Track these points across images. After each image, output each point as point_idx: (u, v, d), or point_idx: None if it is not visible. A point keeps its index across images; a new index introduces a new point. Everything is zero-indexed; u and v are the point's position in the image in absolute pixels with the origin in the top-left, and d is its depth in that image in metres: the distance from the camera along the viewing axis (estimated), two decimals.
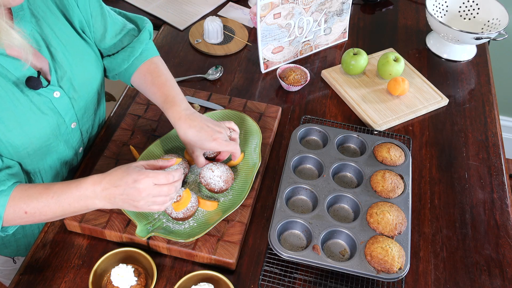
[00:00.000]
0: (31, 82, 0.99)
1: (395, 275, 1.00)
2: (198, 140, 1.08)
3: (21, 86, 0.99)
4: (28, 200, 0.96)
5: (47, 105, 1.04)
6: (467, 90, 1.51)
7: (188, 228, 1.09)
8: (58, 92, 1.05)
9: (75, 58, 1.09)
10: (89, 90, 1.14)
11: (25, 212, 0.96)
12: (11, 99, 0.97)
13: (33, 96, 1.01)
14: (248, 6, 1.79)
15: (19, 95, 0.99)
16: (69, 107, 1.09)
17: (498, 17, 1.56)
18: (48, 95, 1.03)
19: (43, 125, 1.04)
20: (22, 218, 0.97)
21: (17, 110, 0.99)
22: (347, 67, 1.48)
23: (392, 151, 1.22)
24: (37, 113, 1.02)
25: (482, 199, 1.23)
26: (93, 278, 1.00)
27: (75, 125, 1.14)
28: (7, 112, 0.97)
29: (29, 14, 1.00)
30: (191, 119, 1.09)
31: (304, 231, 1.09)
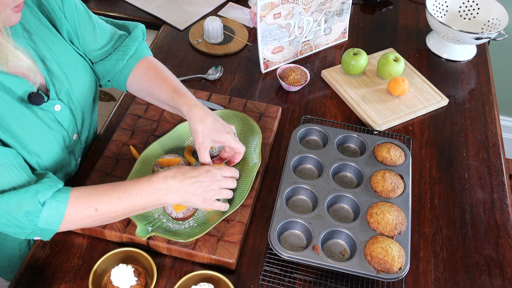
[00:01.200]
0: (34, 98, 0.99)
1: (395, 275, 1.00)
2: (214, 128, 1.07)
3: (25, 103, 0.99)
4: (98, 197, 0.97)
5: (50, 119, 1.03)
6: (467, 90, 1.51)
7: (188, 228, 1.09)
8: (59, 106, 1.04)
9: (70, 69, 1.08)
10: (87, 100, 1.14)
11: (96, 209, 0.96)
12: (19, 117, 0.97)
13: (37, 112, 1.01)
14: (248, 6, 1.79)
15: (25, 112, 0.98)
16: (71, 119, 1.09)
17: (498, 17, 1.56)
18: (50, 110, 1.03)
19: (51, 140, 1.04)
20: (90, 217, 0.97)
21: (26, 128, 0.98)
22: (347, 67, 1.48)
23: (392, 151, 1.22)
24: (45, 128, 1.02)
25: (482, 199, 1.23)
26: (93, 278, 1.00)
27: (76, 137, 1.14)
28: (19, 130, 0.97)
29: (21, 29, 0.98)
30: (205, 109, 1.09)
31: (304, 231, 1.09)
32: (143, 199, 0.98)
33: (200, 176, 1.02)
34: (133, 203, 0.98)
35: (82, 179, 1.22)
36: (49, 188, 0.94)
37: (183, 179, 1.00)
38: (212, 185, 1.03)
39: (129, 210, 0.99)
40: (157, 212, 1.12)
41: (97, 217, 0.97)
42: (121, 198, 0.97)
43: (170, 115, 1.33)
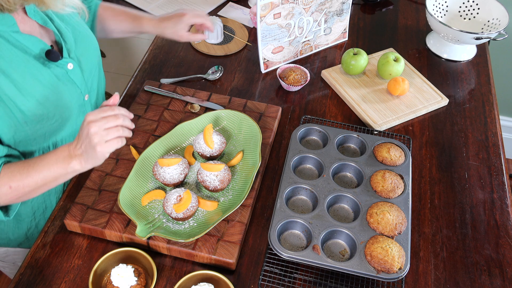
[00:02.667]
0: (51, 55, 1.05)
1: (395, 275, 1.00)
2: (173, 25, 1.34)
3: (42, 60, 1.05)
4: (11, 175, 1.00)
5: (65, 78, 1.10)
6: (467, 90, 1.51)
7: (188, 228, 1.09)
8: (71, 64, 1.11)
9: (74, 32, 1.15)
10: (91, 62, 1.20)
11: (10, 187, 0.99)
12: (35, 74, 1.03)
13: (54, 69, 1.07)
14: (248, 6, 1.79)
15: (42, 69, 1.05)
16: (82, 78, 1.15)
17: (498, 17, 1.56)
18: (64, 67, 1.10)
19: (67, 96, 1.10)
20: (7, 194, 1.00)
21: (42, 84, 1.04)
22: (347, 67, 1.48)
23: (392, 151, 1.22)
24: (60, 84, 1.08)
25: (482, 199, 1.23)
26: (93, 278, 1.00)
27: (88, 97, 1.19)
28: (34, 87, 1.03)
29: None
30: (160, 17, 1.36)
31: (304, 231, 1.09)
32: (51, 169, 0.99)
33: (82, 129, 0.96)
34: (43, 175, 0.99)
35: (82, 179, 1.22)
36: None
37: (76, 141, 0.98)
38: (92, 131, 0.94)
39: (41, 183, 1.00)
40: (157, 212, 1.12)
41: (13, 194, 1.00)
42: (30, 173, 0.99)
43: (170, 115, 1.33)
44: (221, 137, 1.21)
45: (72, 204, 1.14)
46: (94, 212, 1.11)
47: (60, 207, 1.18)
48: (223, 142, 1.21)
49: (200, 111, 1.35)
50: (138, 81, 1.49)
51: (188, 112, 1.35)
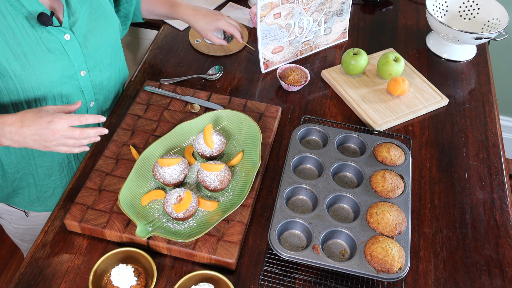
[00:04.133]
0: (42, 18, 1.06)
1: (395, 275, 1.00)
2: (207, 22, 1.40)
3: (32, 22, 1.06)
4: None
5: (55, 45, 1.10)
6: (467, 90, 1.51)
7: (188, 228, 1.09)
8: (69, 35, 1.12)
9: (89, 8, 1.17)
10: (101, 42, 1.21)
11: None
12: (20, 31, 1.05)
13: (42, 33, 1.08)
14: (248, 6, 1.79)
15: (29, 29, 1.06)
16: (79, 53, 1.15)
17: (498, 17, 1.56)
18: (58, 36, 1.10)
19: (47, 61, 1.10)
20: None
21: (24, 42, 1.05)
22: (347, 67, 1.48)
23: (392, 151, 1.22)
24: (44, 49, 1.09)
25: (482, 199, 1.23)
26: (93, 278, 1.00)
27: (85, 74, 1.20)
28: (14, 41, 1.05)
29: None
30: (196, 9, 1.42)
31: (304, 231, 1.09)
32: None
33: (39, 127, 0.98)
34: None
35: (82, 179, 1.22)
36: None
37: (20, 128, 0.98)
38: (52, 137, 0.99)
39: None
40: (157, 212, 1.12)
41: None
42: None
43: (170, 115, 1.33)
44: (221, 137, 1.21)
45: (72, 204, 1.14)
46: (94, 212, 1.11)
47: (60, 207, 1.18)
48: (223, 142, 1.21)
49: (200, 111, 1.35)
50: (138, 81, 1.49)
51: (188, 112, 1.35)
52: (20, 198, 1.35)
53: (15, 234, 1.55)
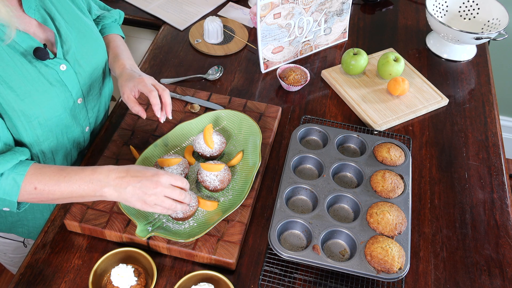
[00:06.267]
0: (38, 53, 1.04)
1: (395, 275, 1.00)
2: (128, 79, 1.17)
3: (29, 57, 1.04)
4: (41, 177, 0.97)
5: (54, 77, 1.08)
6: (467, 90, 1.51)
7: (188, 228, 1.09)
8: (64, 66, 1.10)
9: (78, 34, 1.15)
10: (94, 67, 1.19)
11: (35, 188, 0.97)
12: (20, 69, 1.02)
13: (41, 67, 1.06)
14: (248, 6, 1.79)
15: (28, 66, 1.03)
16: (75, 82, 1.13)
17: (498, 17, 1.56)
18: (55, 67, 1.08)
19: (51, 96, 1.08)
20: (30, 194, 0.98)
21: (26, 80, 1.03)
22: (347, 67, 1.48)
23: (392, 151, 1.22)
24: (45, 83, 1.07)
25: (482, 199, 1.23)
26: (93, 278, 1.00)
27: (81, 101, 1.18)
28: (17, 81, 1.02)
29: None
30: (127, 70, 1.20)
31: (304, 231, 1.09)
32: (81, 187, 0.97)
33: (143, 178, 0.96)
34: (71, 189, 0.97)
35: None
36: (10, 161, 0.97)
37: (125, 176, 0.96)
38: (154, 190, 0.96)
39: (67, 195, 0.98)
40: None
41: (36, 196, 0.98)
42: (60, 182, 0.97)
43: None
44: (221, 137, 1.21)
45: (72, 204, 1.14)
46: (94, 212, 1.11)
47: (60, 207, 1.18)
48: (223, 142, 1.21)
49: (200, 111, 1.35)
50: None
51: (188, 112, 1.35)
52: (23, 228, 1.32)
53: (10, 263, 1.50)
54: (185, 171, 1.15)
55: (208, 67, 1.55)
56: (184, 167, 1.15)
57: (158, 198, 0.97)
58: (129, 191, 0.96)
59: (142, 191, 0.96)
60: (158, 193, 0.96)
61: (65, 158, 1.22)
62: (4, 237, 1.36)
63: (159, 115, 1.14)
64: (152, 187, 0.96)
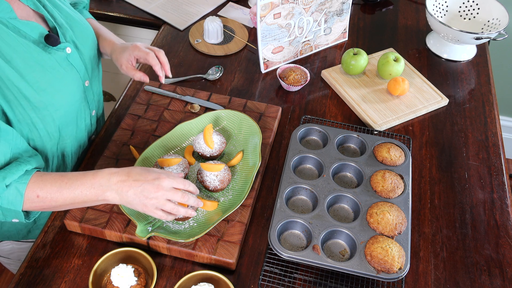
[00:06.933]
0: (51, 39, 1.05)
1: (395, 275, 1.00)
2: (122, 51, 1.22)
3: (41, 46, 1.05)
4: (42, 184, 0.97)
5: (65, 62, 1.09)
6: (467, 90, 1.51)
7: (188, 228, 1.09)
8: (69, 48, 1.11)
9: (67, 17, 1.15)
10: (90, 47, 1.20)
11: (37, 196, 0.97)
12: (37, 60, 1.03)
13: (54, 54, 1.07)
14: (248, 6, 1.79)
15: (43, 55, 1.04)
16: (81, 63, 1.15)
17: (498, 17, 1.56)
18: (63, 52, 1.09)
19: (68, 81, 1.09)
20: (33, 202, 0.98)
21: (45, 69, 1.04)
22: (347, 67, 1.48)
23: (392, 151, 1.22)
24: (61, 69, 1.08)
25: (482, 199, 1.23)
26: (93, 278, 1.00)
27: (88, 84, 1.19)
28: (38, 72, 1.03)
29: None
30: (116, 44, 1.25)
31: (304, 231, 1.09)
32: (83, 192, 0.97)
33: (145, 181, 0.96)
34: (73, 195, 0.97)
35: None
36: (15, 172, 0.96)
37: (126, 180, 0.96)
38: (156, 194, 0.96)
39: (70, 201, 0.98)
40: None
41: (38, 204, 0.98)
42: (62, 189, 0.97)
43: (170, 115, 1.33)
44: (221, 137, 1.21)
45: None
46: (94, 212, 1.11)
47: None
48: (223, 142, 1.21)
49: (200, 111, 1.35)
50: (138, 81, 1.49)
51: (188, 112, 1.35)
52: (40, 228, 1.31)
53: None
54: (185, 171, 1.15)
55: (208, 67, 1.55)
56: (184, 167, 1.15)
57: (159, 201, 0.96)
58: (130, 195, 0.96)
59: (144, 195, 0.95)
60: (159, 197, 0.96)
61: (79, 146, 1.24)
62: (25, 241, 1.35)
63: (160, 73, 1.21)
64: (153, 190, 0.95)
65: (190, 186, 1.01)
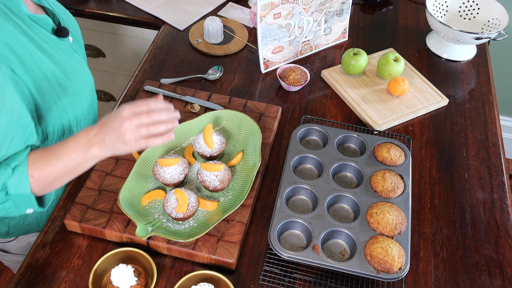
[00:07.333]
0: (62, 32, 1.10)
1: (395, 275, 1.00)
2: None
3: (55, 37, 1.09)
4: (32, 163, 0.97)
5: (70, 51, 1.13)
6: (467, 90, 1.51)
7: (188, 228, 1.09)
8: (71, 37, 1.15)
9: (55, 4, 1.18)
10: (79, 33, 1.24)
11: (32, 176, 0.96)
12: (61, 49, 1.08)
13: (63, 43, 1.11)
14: (248, 6, 1.79)
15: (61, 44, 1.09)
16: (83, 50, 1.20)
17: (498, 17, 1.56)
18: (68, 40, 1.13)
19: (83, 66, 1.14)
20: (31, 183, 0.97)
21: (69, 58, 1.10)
22: (347, 67, 1.48)
23: (392, 151, 1.22)
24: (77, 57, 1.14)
25: (482, 199, 1.23)
26: (93, 278, 1.00)
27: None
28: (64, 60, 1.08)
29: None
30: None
31: (304, 231, 1.09)
32: (71, 157, 0.96)
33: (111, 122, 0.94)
34: (63, 163, 0.96)
35: (82, 179, 1.22)
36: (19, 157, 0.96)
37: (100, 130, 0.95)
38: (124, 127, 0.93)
39: (62, 171, 0.97)
40: (157, 212, 1.12)
41: (36, 183, 0.97)
42: (51, 161, 0.96)
43: None
44: (221, 137, 1.21)
45: (72, 204, 1.14)
46: (94, 212, 1.11)
47: (60, 207, 1.18)
48: (223, 142, 1.21)
49: (200, 111, 1.35)
50: (138, 81, 1.49)
51: (188, 112, 1.35)
52: None
53: None
54: (185, 171, 1.15)
55: (208, 67, 1.55)
56: (184, 167, 1.16)
57: (131, 132, 0.93)
58: (108, 142, 0.95)
59: (116, 135, 0.94)
60: (128, 128, 0.93)
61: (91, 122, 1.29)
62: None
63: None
64: (120, 125, 0.93)
65: (151, 103, 0.96)
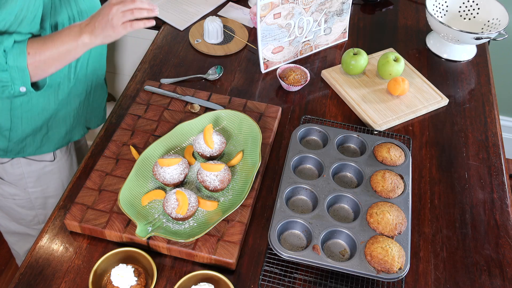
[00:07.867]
0: None
1: (395, 275, 1.00)
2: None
3: None
4: (30, 43, 1.10)
5: None
6: (467, 90, 1.51)
7: (188, 228, 1.09)
8: None
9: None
10: None
11: (28, 53, 1.09)
12: None
13: None
14: (248, 6, 1.79)
15: None
16: None
17: (498, 17, 1.56)
18: None
19: None
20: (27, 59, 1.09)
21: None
22: (347, 67, 1.48)
23: (392, 151, 1.22)
24: None
25: (482, 199, 1.23)
26: (93, 278, 1.00)
27: None
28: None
29: None
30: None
31: (304, 231, 1.09)
32: (63, 40, 1.10)
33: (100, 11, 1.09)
34: (57, 48, 1.10)
35: (82, 179, 1.22)
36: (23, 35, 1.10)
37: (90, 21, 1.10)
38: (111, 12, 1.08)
39: (56, 54, 1.11)
40: (157, 212, 1.12)
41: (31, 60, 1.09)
42: (46, 43, 1.10)
43: (170, 115, 1.33)
44: (221, 137, 1.21)
45: (72, 204, 1.14)
46: (94, 212, 1.11)
47: (60, 207, 1.18)
48: (223, 142, 1.21)
49: (200, 111, 1.35)
50: (138, 81, 1.49)
51: (188, 112, 1.35)
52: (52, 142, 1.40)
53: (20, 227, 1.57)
54: (185, 171, 1.15)
55: (208, 67, 1.55)
56: (184, 167, 1.16)
57: (119, 17, 1.08)
58: (98, 27, 1.09)
59: (105, 20, 1.08)
60: (116, 13, 1.08)
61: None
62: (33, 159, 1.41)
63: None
64: (108, 12, 1.08)
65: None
